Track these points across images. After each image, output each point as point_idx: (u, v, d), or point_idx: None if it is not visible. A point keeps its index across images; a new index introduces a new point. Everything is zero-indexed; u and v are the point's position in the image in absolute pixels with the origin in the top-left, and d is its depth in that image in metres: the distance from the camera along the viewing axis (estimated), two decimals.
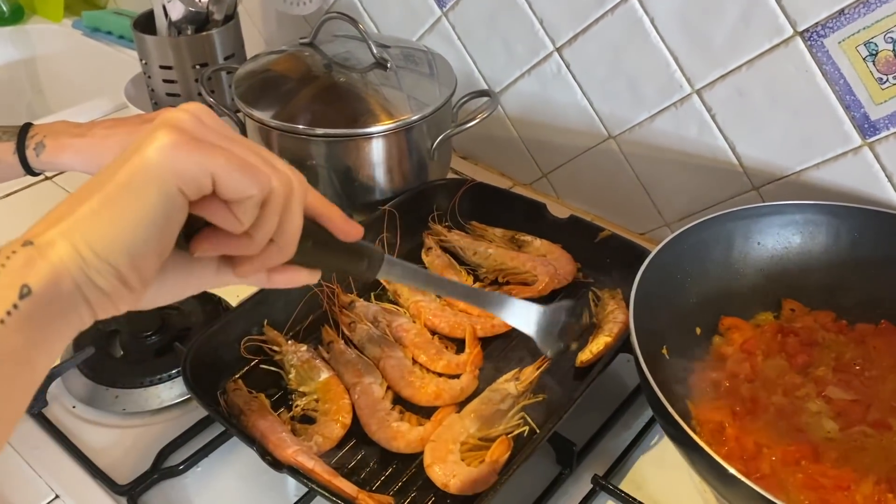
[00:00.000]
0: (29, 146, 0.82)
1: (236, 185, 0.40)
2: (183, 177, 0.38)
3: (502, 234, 0.92)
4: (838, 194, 0.82)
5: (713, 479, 0.60)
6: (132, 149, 0.39)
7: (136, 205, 0.38)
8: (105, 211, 0.38)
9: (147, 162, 0.38)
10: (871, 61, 0.74)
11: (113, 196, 0.38)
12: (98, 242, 0.38)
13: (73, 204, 0.38)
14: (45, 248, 0.37)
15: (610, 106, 0.96)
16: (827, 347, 0.75)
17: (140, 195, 0.38)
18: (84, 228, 0.38)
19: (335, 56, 0.95)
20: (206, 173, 0.39)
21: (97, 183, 0.39)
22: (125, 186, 0.38)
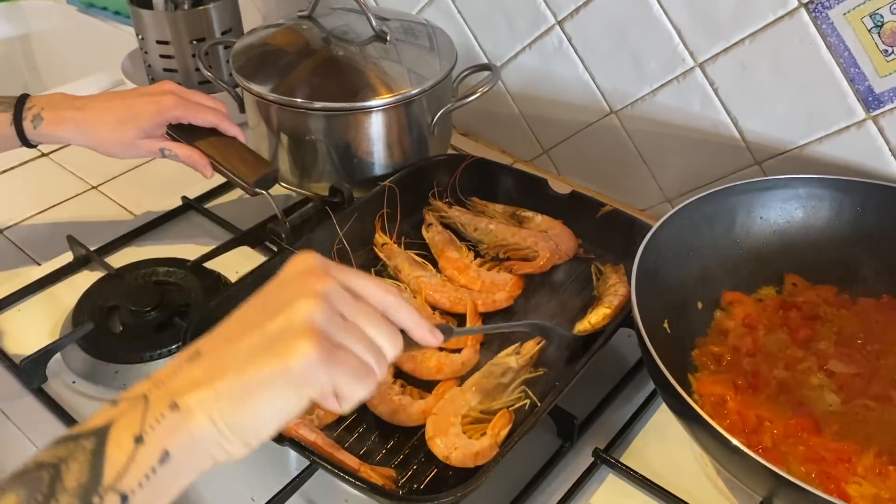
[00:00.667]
0: (26, 118, 0.81)
1: (351, 394, 0.46)
2: (315, 388, 0.44)
3: (503, 210, 0.92)
4: (841, 168, 0.82)
5: (715, 451, 0.60)
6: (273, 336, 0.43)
7: (273, 403, 0.43)
8: (246, 400, 0.43)
9: (289, 371, 0.43)
10: (877, 33, 0.73)
11: (254, 390, 0.43)
12: (236, 424, 0.43)
13: (212, 374, 0.43)
14: (188, 415, 0.42)
15: (612, 80, 0.95)
16: (829, 322, 0.75)
17: (278, 397, 0.43)
18: (224, 409, 0.43)
19: (334, 29, 0.94)
20: (332, 385, 0.44)
21: (236, 361, 0.43)
22: (266, 385, 0.43)
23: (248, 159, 0.83)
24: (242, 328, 0.45)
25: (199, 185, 1.01)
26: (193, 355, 0.44)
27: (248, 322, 0.45)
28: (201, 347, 0.45)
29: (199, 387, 0.43)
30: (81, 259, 0.90)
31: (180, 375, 0.44)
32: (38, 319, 0.84)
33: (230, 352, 0.44)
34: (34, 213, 1.01)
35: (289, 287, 0.46)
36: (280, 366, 0.43)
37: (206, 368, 0.44)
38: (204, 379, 0.43)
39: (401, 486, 0.63)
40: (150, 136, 0.83)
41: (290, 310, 0.44)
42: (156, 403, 0.42)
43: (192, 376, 0.43)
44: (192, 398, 0.42)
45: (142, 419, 0.42)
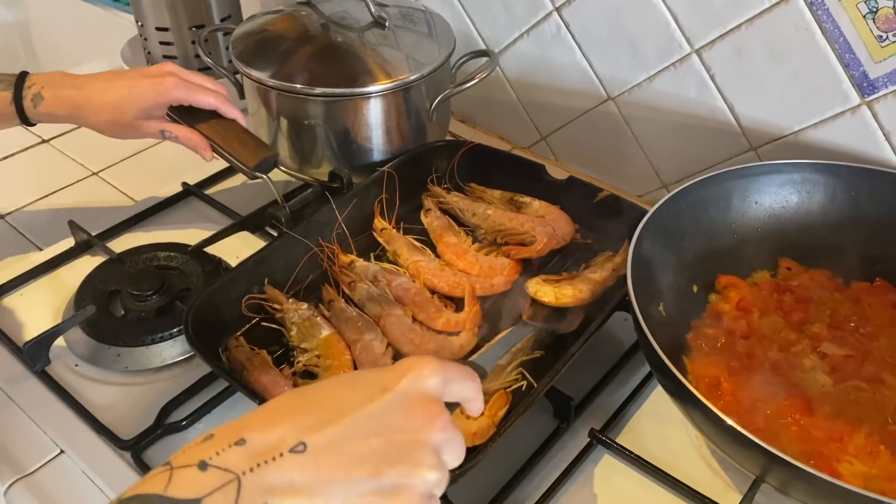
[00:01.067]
0: (26, 97, 0.81)
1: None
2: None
3: (501, 195, 0.92)
4: (836, 154, 0.82)
5: (710, 431, 0.61)
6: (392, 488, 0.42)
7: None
8: None
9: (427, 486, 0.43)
10: (872, 19, 0.74)
11: None
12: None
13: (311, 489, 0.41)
14: None
15: (609, 67, 0.95)
16: (822, 305, 0.76)
17: None
18: None
19: (332, 15, 0.95)
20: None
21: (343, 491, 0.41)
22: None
23: (249, 143, 0.84)
24: (359, 452, 0.43)
25: (199, 171, 1.01)
26: (297, 446, 0.42)
27: (365, 445, 0.43)
28: (309, 443, 0.42)
29: (296, 495, 0.41)
30: (83, 244, 0.91)
31: (280, 470, 0.41)
32: (41, 304, 0.85)
33: (342, 477, 0.42)
34: (36, 198, 1.01)
35: (412, 422, 0.44)
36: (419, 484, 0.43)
37: (312, 478, 0.41)
38: (306, 491, 0.41)
39: None
40: (151, 118, 0.83)
41: (413, 469, 0.43)
42: (248, 498, 0.40)
43: (294, 480, 0.41)
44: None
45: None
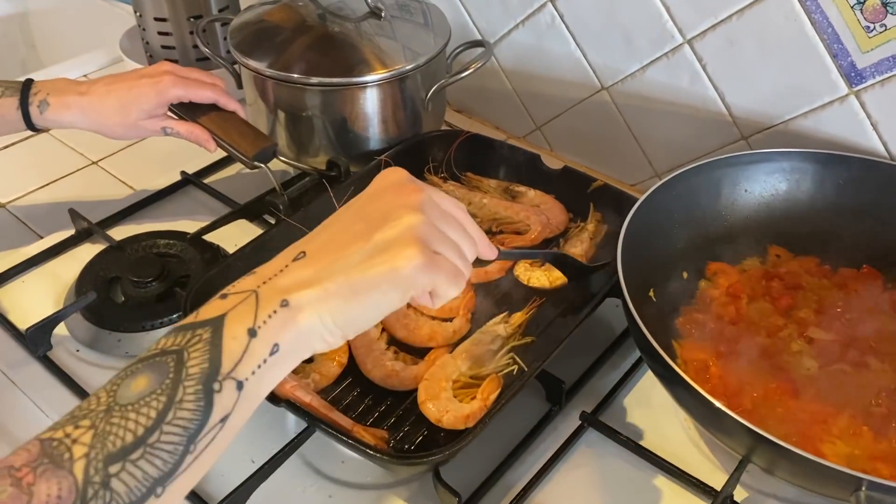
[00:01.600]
0: (32, 103, 0.84)
1: (445, 294, 0.51)
2: (417, 289, 0.49)
3: (496, 184, 0.94)
4: (825, 142, 0.84)
5: (698, 412, 0.63)
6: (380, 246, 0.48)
7: (378, 303, 0.48)
8: (353, 299, 0.47)
9: (397, 274, 0.47)
10: (859, 9, 0.75)
11: (362, 291, 0.47)
12: (341, 320, 0.47)
13: (321, 276, 0.47)
14: (297, 312, 0.46)
15: (603, 57, 0.96)
16: (810, 291, 0.78)
17: (383, 297, 0.48)
18: (332, 307, 0.47)
19: (329, 6, 0.96)
20: (432, 286, 0.49)
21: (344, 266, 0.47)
22: (374, 287, 0.47)
23: (248, 134, 0.85)
24: (348, 236, 0.49)
25: (197, 160, 1.02)
26: (300, 256, 0.48)
27: (351, 231, 0.49)
28: (307, 250, 0.49)
29: (310, 286, 0.47)
30: (83, 232, 0.92)
31: (288, 275, 0.47)
32: (42, 290, 0.86)
33: (339, 257, 0.48)
34: (36, 187, 1.02)
35: (387, 199, 0.50)
36: (389, 270, 0.47)
37: (315, 270, 0.47)
38: (314, 279, 0.47)
39: (393, 447, 0.66)
40: (153, 116, 0.86)
41: (395, 221, 0.48)
42: (267, 299, 0.46)
43: (301, 276, 0.47)
44: (303, 297, 0.46)
45: (255, 314, 0.45)
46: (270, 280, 0.47)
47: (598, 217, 0.87)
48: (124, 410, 0.42)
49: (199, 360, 0.44)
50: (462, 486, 0.63)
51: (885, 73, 0.76)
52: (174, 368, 0.43)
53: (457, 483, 0.63)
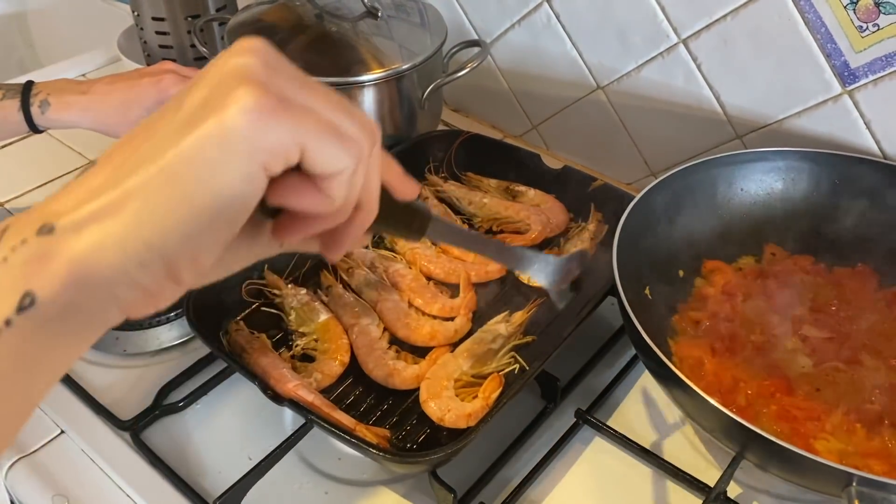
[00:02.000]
0: (33, 104, 0.84)
1: (330, 158, 0.31)
2: (271, 151, 0.30)
3: (497, 184, 0.94)
4: (819, 142, 0.84)
5: (692, 409, 0.63)
6: (195, 104, 0.30)
7: (207, 184, 0.29)
8: (165, 190, 0.29)
9: (228, 129, 0.29)
10: (852, 9, 0.75)
11: (178, 171, 0.29)
12: (158, 232, 0.29)
13: (115, 174, 0.30)
14: (68, 236, 0.29)
15: (598, 56, 0.97)
16: (805, 289, 0.78)
17: (215, 173, 0.29)
18: (137, 217, 0.29)
19: (326, 6, 0.96)
20: (297, 145, 0.30)
21: (149, 149, 0.30)
22: (195, 160, 0.29)
23: None
24: (152, 121, 0.32)
25: None
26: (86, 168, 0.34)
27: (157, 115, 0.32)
28: (98, 159, 0.31)
29: (92, 198, 0.29)
30: None
31: (65, 194, 0.30)
32: None
33: (136, 145, 0.30)
34: (34, 186, 1.03)
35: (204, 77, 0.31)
36: (213, 125, 0.29)
37: (104, 174, 0.30)
38: (100, 186, 0.29)
39: (395, 445, 0.66)
40: None
41: (212, 72, 0.31)
42: (15, 230, 0.29)
43: (82, 189, 0.30)
44: (80, 213, 0.29)
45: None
46: (37, 209, 0.30)
47: (598, 217, 0.87)
48: None
49: None
50: (458, 482, 0.64)
51: (878, 72, 0.77)
52: None
53: (452, 480, 0.63)
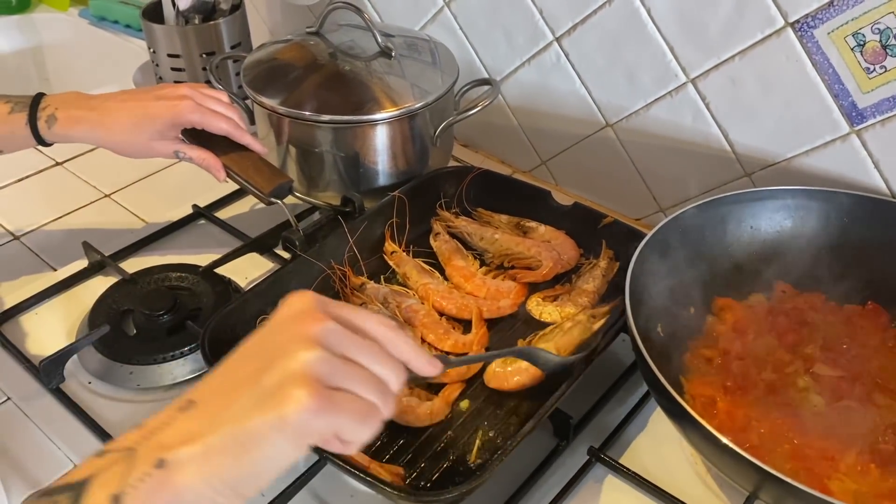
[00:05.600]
0: (41, 118, 0.82)
1: (353, 436, 0.44)
2: (314, 437, 0.42)
3: (508, 220, 0.95)
4: (827, 180, 0.85)
5: (705, 448, 0.63)
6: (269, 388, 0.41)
7: (270, 456, 0.42)
8: (241, 455, 0.41)
9: (285, 422, 0.41)
10: (859, 51, 0.77)
11: (249, 444, 0.41)
12: (231, 479, 0.41)
13: (204, 428, 0.41)
14: (176, 473, 0.40)
15: (607, 94, 0.98)
16: (816, 327, 0.78)
17: (275, 449, 0.41)
18: (218, 465, 0.40)
19: (340, 45, 0.98)
20: (333, 431, 0.43)
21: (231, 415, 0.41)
22: (262, 438, 0.41)
23: (263, 170, 0.86)
24: (236, 379, 0.43)
25: (208, 193, 1.04)
26: (186, 405, 0.43)
27: (242, 372, 0.44)
28: (194, 397, 0.43)
29: (191, 442, 0.41)
30: (96, 264, 0.94)
31: (171, 428, 0.42)
32: (55, 322, 0.87)
33: (224, 404, 0.42)
34: (50, 220, 1.04)
35: (284, 331, 0.44)
36: (275, 417, 0.41)
37: (199, 422, 0.42)
38: (196, 433, 0.41)
39: (409, 483, 0.66)
40: (165, 138, 0.84)
41: (285, 358, 0.42)
42: (142, 460, 0.40)
43: (184, 429, 0.41)
44: (184, 454, 0.40)
45: (122, 476, 0.39)
46: (152, 435, 0.41)
47: (609, 254, 0.88)
48: None
49: None
50: None
51: (886, 112, 0.78)
52: None
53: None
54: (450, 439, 0.70)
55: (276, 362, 0.42)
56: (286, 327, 0.45)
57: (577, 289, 0.84)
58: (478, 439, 0.70)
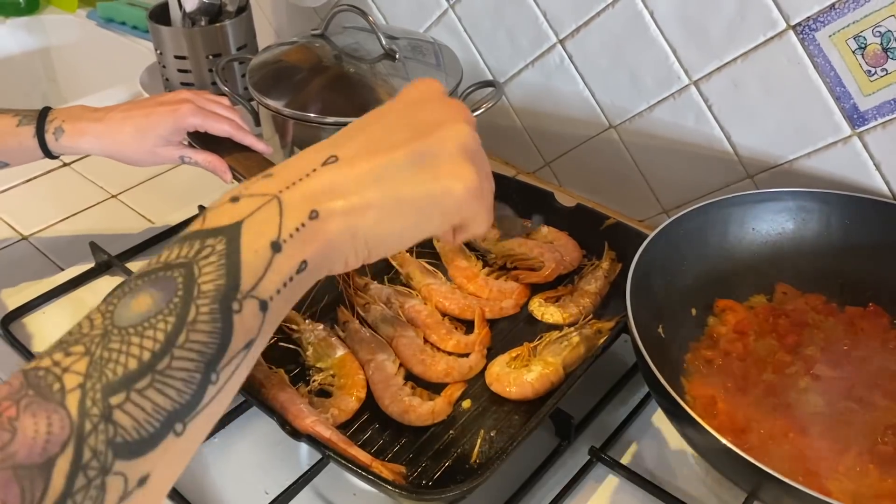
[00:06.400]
0: (48, 130, 0.84)
1: (478, 229, 0.46)
2: (463, 216, 0.44)
3: None
4: (829, 182, 0.85)
5: (705, 449, 0.64)
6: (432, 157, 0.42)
7: (418, 223, 0.43)
8: (394, 218, 0.42)
9: (450, 196, 0.42)
10: (861, 54, 0.77)
11: (405, 209, 0.42)
12: (374, 238, 0.42)
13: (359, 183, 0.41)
14: (328, 224, 0.40)
15: (611, 96, 0.99)
16: (816, 328, 0.79)
17: (426, 219, 0.43)
18: (369, 222, 0.41)
19: (345, 47, 0.99)
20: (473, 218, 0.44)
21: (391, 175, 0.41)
22: (419, 206, 0.42)
23: None
24: (389, 142, 0.42)
25: (214, 194, 1.04)
26: (328, 159, 0.41)
27: (394, 137, 0.43)
28: (340, 154, 0.42)
29: (346, 196, 0.41)
30: (103, 265, 0.94)
31: (317, 179, 0.41)
32: (62, 322, 0.88)
33: (381, 164, 0.42)
34: (57, 220, 1.05)
35: (431, 108, 0.44)
36: (442, 190, 0.42)
37: (353, 177, 0.41)
38: (351, 188, 0.41)
39: (411, 482, 0.67)
40: (170, 144, 0.85)
41: (446, 132, 0.43)
42: (293, 208, 0.39)
43: (335, 182, 0.41)
44: (337, 206, 0.40)
45: (279, 224, 0.39)
46: (295, 185, 0.40)
47: (612, 255, 0.88)
48: (125, 333, 0.35)
49: (213, 274, 0.37)
50: None
51: (887, 115, 0.78)
52: (183, 285, 0.36)
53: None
54: (451, 438, 0.71)
55: (435, 133, 0.42)
56: (431, 104, 0.45)
57: (579, 290, 0.85)
58: (479, 439, 0.70)
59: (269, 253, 0.38)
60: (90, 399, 0.33)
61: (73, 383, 0.33)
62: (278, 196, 0.40)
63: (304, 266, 0.39)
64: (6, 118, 0.84)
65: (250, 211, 0.39)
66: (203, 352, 0.36)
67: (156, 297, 0.36)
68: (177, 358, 0.35)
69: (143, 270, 0.37)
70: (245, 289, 0.37)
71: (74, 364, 0.34)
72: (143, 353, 0.35)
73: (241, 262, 0.37)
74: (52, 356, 0.34)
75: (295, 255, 0.39)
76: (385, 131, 0.43)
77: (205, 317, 0.36)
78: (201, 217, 0.40)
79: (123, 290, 0.37)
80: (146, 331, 0.35)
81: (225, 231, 0.38)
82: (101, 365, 0.34)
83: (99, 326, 0.35)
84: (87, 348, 0.35)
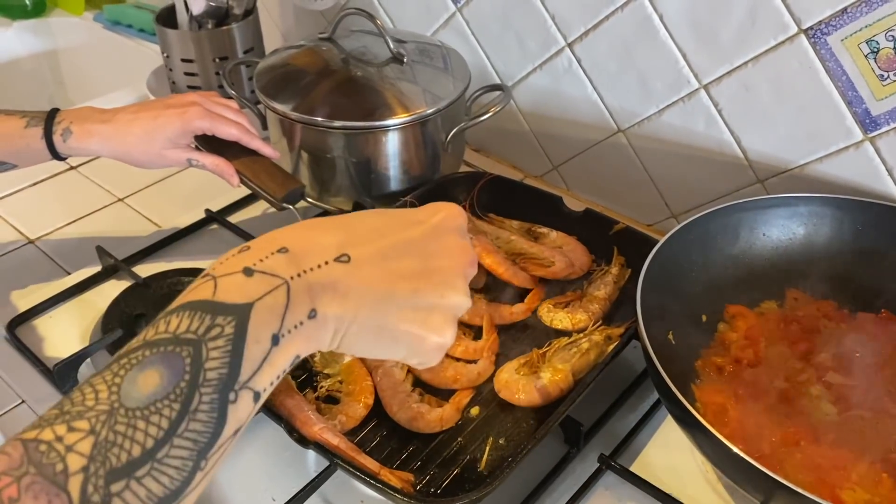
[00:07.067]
0: (56, 132, 0.84)
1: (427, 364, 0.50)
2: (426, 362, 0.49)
3: (519, 226, 0.95)
4: (841, 187, 0.85)
5: (715, 457, 0.63)
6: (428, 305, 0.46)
7: (389, 351, 0.47)
8: (376, 339, 0.46)
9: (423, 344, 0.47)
10: (873, 58, 0.76)
11: (386, 337, 0.46)
12: (352, 346, 0.45)
13: (359, 297, 0.44)
14: (322, 326, 0.42)
15: (619, 100, 0.98)
16: (828, 335, 0.78)
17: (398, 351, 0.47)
18: (352, 333, 0.44)
19: (353, 51, 0.98)
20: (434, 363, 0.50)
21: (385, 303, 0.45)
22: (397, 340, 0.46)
23: (276, 175, 0.86)
24: (398, 267, 0.45)
25: (221, 198, 1.05)
26: (342, 257, 0.43)
27: (404, 261, 0.46)
28: (353, 255, 0.44)
29: (343, 304, 0.43)
30: (109, 268, 0.94)
31: (327, 275, 0.42)
32: (69, 326, 0.88)
33: (384, 290, 0.45)
34: (64, 224, 1.05)
35: (448, 248, 0.48)
36: (419, 337, 0.46)
37: (353, 285, 0.43)
38: (349, 295, 0.43)
39: (419, 490, 0.66)
40: (177, 147, 0.85)
41: (448, 290, 0.47)
42: (298, 301, 0.41)
43: (338, 282, 0.43)
44: (333, 311, 0.42)
45: (282, 317, 0.40)
46: (305, 273, 0.42)
47: (621, 261, 0.88)
48: (131, 416, 0.35)
49: (219, 361, 0.38)
50: None
51: None
52: (191, 368, 0.37)
53: None
54: (460, 446, 0.70)
55: (439, 286, 0.46)
56: (449, 242, 0.48)
57: (588, 295, 0.84)
58: (488, 446, 0.70)
59: (269, 346, 0.40)
60: (92, 485, 0.34)
61: (76, 466, 0.34)
62: (289, 283, 0.41)
63: (295, 360, 0.42)
64: (14, 120, 0.84)
65: (261, 294, 0.40)
66: (197, 440, 0.37)
67: (164, 375, 0.37)
68: (175, 447, 0.36)
69: (152, 337, 0.38)
70: (243, 380, 0.39)
71: (78, 444, 0.34)
72: (147, 440, 0.35)
73: (245, 351, 0.39)
74: (53, 428, 0.34)
75: (290, 350, 0.41)
76: (399, 252, 0.46)
77: (205, 406, 0.37)
78: (212, 281, 0.40)
79: (131, 358, 0.37)
80: (152, 416, 0.36)
81: (236, 311, 0.39)
82: (105, 449, 0.34)
83: (104, 402, 0.35)
84: (91, 426, 0.35)
